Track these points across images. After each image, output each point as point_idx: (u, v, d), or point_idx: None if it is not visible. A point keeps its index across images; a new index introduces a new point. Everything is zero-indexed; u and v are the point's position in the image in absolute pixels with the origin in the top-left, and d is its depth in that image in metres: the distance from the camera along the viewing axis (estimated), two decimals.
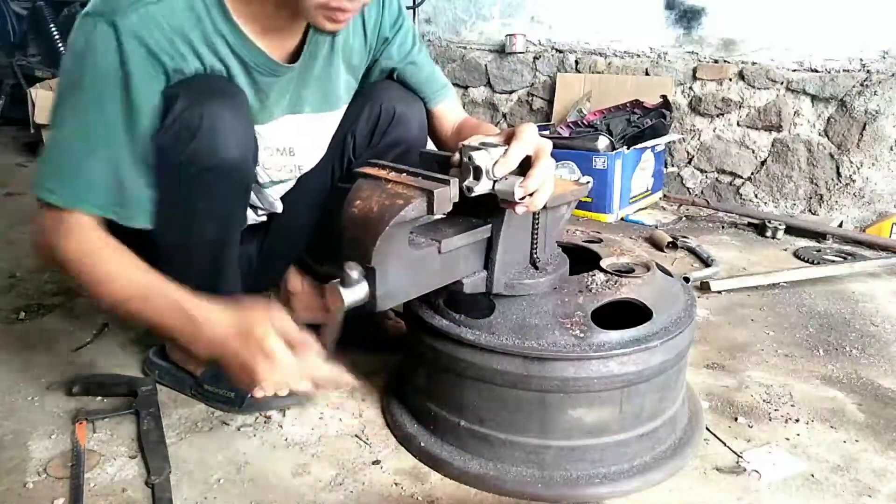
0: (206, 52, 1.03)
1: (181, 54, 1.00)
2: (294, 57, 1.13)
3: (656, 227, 2.54)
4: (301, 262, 1.49)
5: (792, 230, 2.48)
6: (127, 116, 0.98)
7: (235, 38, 1.04)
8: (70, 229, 1.00)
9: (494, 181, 0.95)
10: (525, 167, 0.96)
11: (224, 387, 1.23)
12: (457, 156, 0.96)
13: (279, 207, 1.31)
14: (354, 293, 0.90)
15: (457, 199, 0.93)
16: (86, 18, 0.96)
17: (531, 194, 0.95)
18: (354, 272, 0.89)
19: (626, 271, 1.14)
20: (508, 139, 1.00)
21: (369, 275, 0.91)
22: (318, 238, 1.39)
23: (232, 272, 1.20)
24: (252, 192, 1.24)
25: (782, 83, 2.69)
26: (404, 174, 0.95)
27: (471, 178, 0.93)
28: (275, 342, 0.88)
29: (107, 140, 0.98)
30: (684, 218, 2.74)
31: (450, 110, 1.34)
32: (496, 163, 0.93)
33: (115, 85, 0.96)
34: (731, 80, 2.80)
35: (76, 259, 1.00)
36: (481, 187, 0.94)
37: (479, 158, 0.92)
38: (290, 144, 1.23)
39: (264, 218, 1.33)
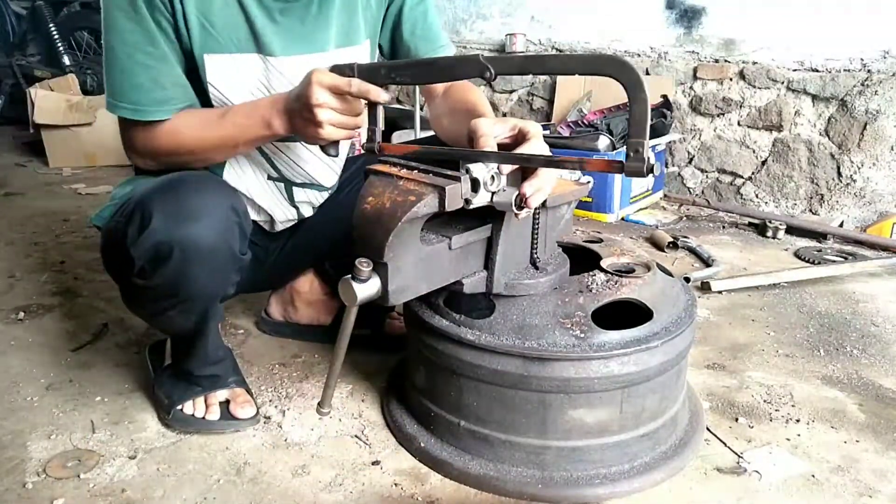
0: None
1: None
2: None
3: (657, 227, 2.53)
4: (320, 269, 1.50)
5: (792, 230, 2.48)
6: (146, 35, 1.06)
7: None
8: (156, 135, 1.11)
9: (493, 193, 0.94)
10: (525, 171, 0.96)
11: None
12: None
13: (308, 213, 1.33)
14: (367, 288, 0.91)
15: (468, 195, 0.93)
16: None
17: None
18: (366, 268, 0.90)
19: (626, 271, 1.14)
20: (515, 139, 0.99)
21: (381, 270, 0.91)
22: (340, 249, 1.39)
23: (216, 320, 1.19)
24: (283, 206, 1.28)
25: (783, 83, 2.69)
26: (416, 171, 0.95)
27: (469, 191, 0.93)
28: (319, 92, 0.98)
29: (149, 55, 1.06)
30: (685, 218, 2.74)
31: None
32: (492, 177, 0.93)
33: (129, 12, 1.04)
34: (731, 79, 2.80)
35: (166, 152, 1.13)
36: (479, 199, 0.94)
37: (477, 171, 0.92)
38: None
39: (293, 223, 1.35)
